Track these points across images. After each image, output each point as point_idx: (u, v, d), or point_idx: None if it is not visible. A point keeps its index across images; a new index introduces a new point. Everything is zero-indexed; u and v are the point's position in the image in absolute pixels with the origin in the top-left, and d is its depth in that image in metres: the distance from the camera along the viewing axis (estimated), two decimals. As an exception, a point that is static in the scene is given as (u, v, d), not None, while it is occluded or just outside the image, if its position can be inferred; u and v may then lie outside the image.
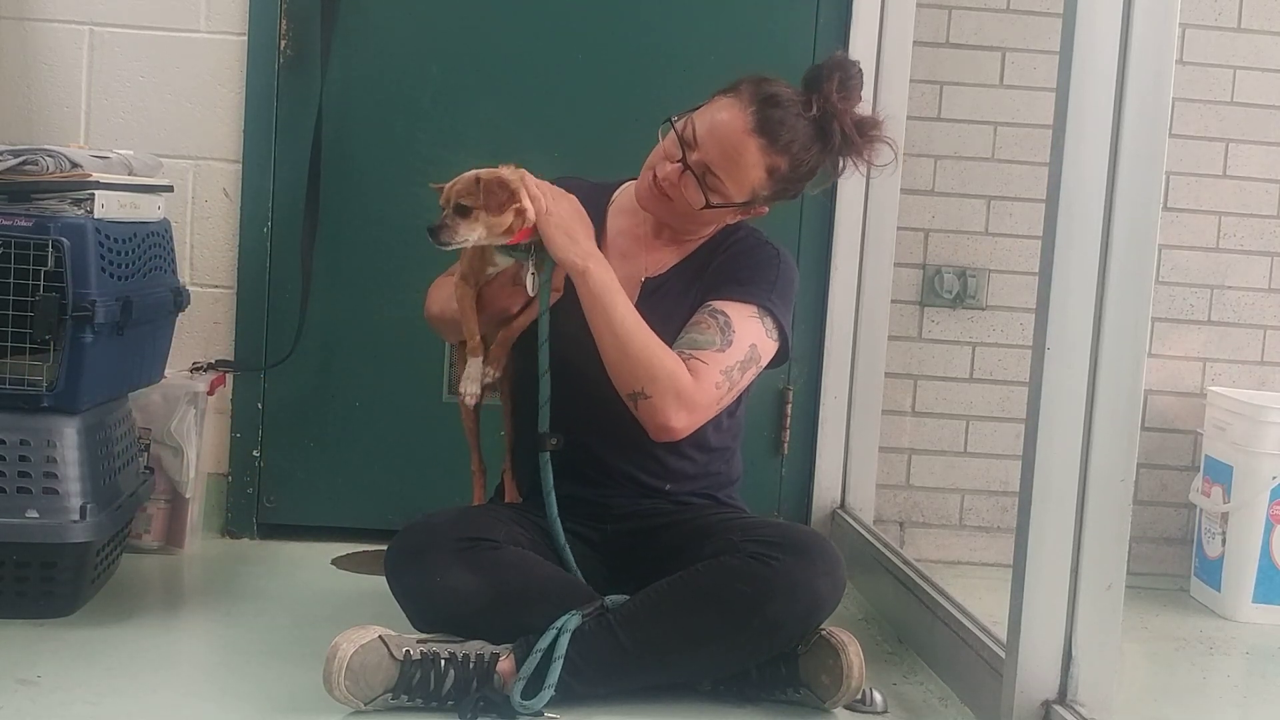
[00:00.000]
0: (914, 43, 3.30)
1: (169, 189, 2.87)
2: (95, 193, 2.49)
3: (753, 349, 2.31)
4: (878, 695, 2.26)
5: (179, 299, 2.87)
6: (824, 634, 2.21)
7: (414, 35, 3.20)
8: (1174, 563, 3.45)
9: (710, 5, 3.24)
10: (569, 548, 2.33)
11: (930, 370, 3.45)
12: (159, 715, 2.09)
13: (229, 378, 3.19)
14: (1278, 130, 3.45)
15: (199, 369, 3.13)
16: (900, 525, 3.47)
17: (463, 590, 2.18)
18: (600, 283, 2.24)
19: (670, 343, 2.28)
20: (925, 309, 3.44)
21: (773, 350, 2.36)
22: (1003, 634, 2.13)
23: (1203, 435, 3.40)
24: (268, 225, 3.17)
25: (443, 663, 2.11)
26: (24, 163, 2.47)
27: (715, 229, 2.43)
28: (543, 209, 2.25)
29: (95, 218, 2.48)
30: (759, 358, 2.33)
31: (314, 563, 3.03)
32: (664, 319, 2.30)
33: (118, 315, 2.49)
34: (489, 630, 2.17)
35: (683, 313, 2.34)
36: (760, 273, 2.37)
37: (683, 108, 2.36)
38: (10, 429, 2.43)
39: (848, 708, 2.24)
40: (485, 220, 2.22)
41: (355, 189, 3.19)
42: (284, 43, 3.15)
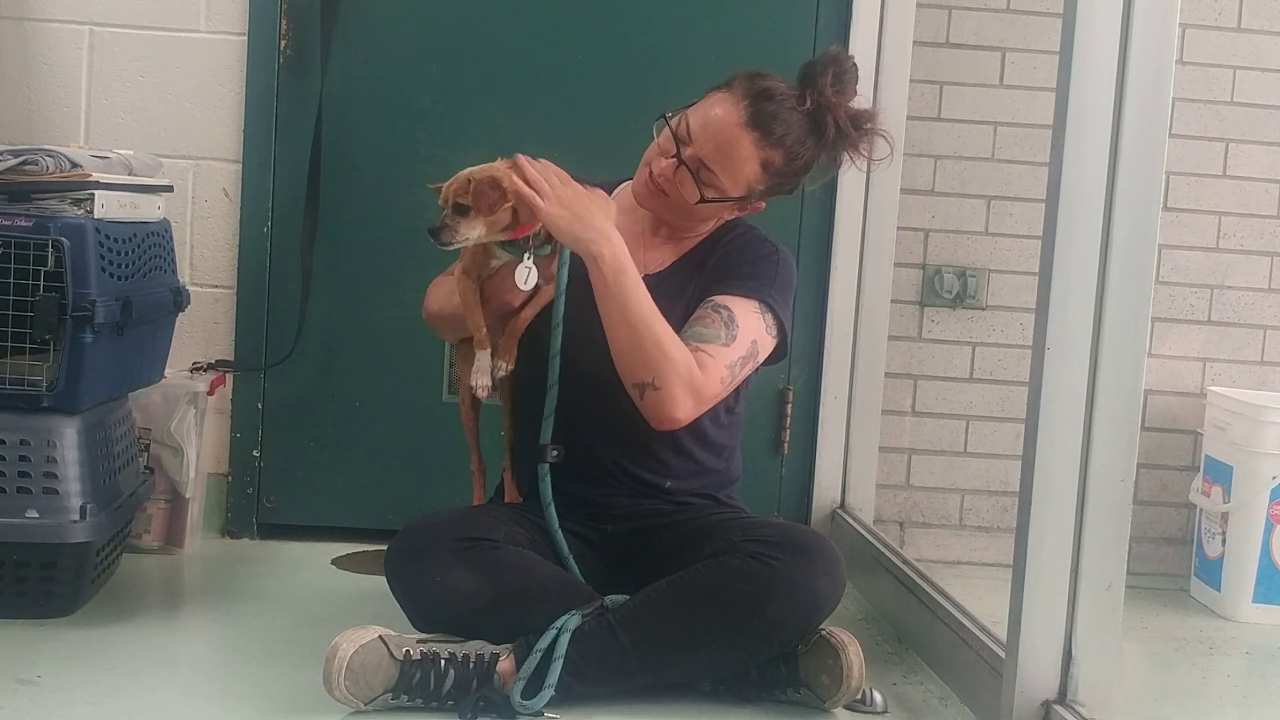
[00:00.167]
0: (914, 43, 3.30)
1: (169, 189, 2.87)
2: (95, 193, 2.49)
3: (753, 344, 2.31)
4: (878, 695, 2.26)
5: (179, 299, 2.87)
6: (824, 634, 2.20)
7: (414, 35, 3.20)
8: (1174, 563, 3.45)
9: (710, 5, 3.24)
10: (568, 547, 2.33)
11: (930, 370, 3.45)
12: (159, 715, 2.09)
13: (229, 378, 3.19)
14: (1278, 130, 3.45)
15: (199, 369, 3.13)
16: (900, 525, 3.47)
17: (463, 590, 2.18)
18: (613, 267, 2.20)
19: None
20: (925, 309, 3.44)
21: (770, 347, 2.37)
22: (1003, 634, 2.13)
23: (1203, 435, 3.39)
24: (268, 225, 3.17)
25: (443, 663, 2.10)
26: (24, 163, 2.47)
27: (713, 225, 2.43)
28: (544, 193, 2.19)
29: (95, 218, 2.48)
30: (757, 354, 2.33)
31: (314, 563, 3.03)
32: (663, 314, 2.29)
33: (118, 315, 2.49)
34: (489, 630, 2.17)
35: (681, 308, 2.34)
36: (760, 268, 2.37)
37: (684, 106, 2.36)
38: (10, 429, 2.43)
39: (848, 708, 2.24)
40: (483, 218, 2.22)
41: (355, 189, 3.19)
42: (284, 43, 3.15)
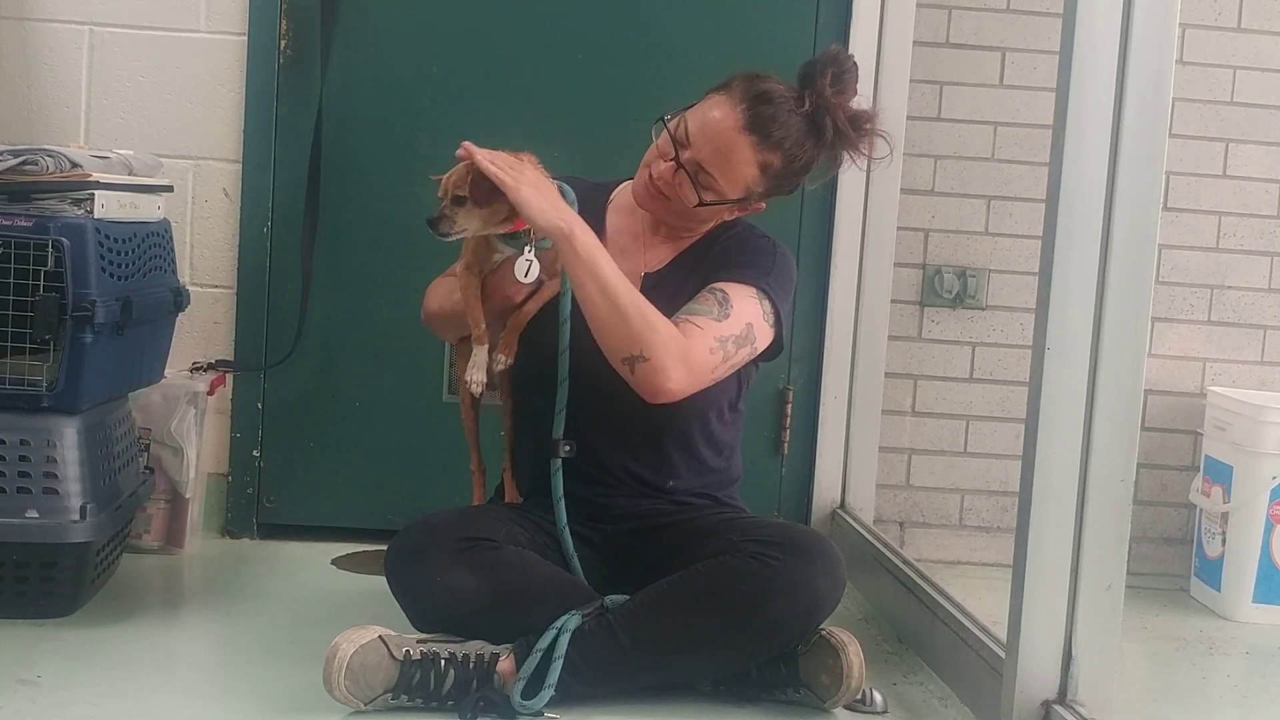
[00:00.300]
0: (914, 43, 3.30)
1: (169, 189, 2.87)
2: (95, 193, 2.49)
3: (749, 328, 2.29)
4: (878, 695, 2.26)
5: (179, 299, 2.87)
6: (824, 634, 2.20)
7: (414, 35, 3.20)
8: (1174, 563, 3.45)
9: (710, 5, 3.24)
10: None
11: (930, 370, 3.45)
12: (159, 715, 2.09)
13: (229, 378, 3.19)
14: (1278, 130, 3.45)
15: (199, 369, 3.13)
16: (900, 525, 3.47)
17: (463, 590, 2.17)
18: (586, 246, 2.18)
19: None
20: (925, 309, 3.44)
21: (769, 336, 2.34)
22: (1003, 634, 2.13)
23: (1203, 435, 3.39)
24: (268, 225, 3.17)
25: (443, 663, 2.10)
26: (24, 163, 2.46)
27: (713, 225, 2.43)
28: (508, 180, 2.16)
29: (95, 218, 2.48)
30: (754, 338, 2.30)
31: (314, 563, 3.03)
32: (663, 310, 2.28)
33: (118, 315, 2.49)
34: (489, 630, 2.17)
35: (680, 304, 2.32)
36: (758, 259, 2.37)
37: (683, 108, 2.36)
38: (10, 429, 2.43)
39: (848, 708, 2.24)
40: (480, 210, 2.21)
41: (355, 189, 3.19)
42: (284, 43, 3.15)
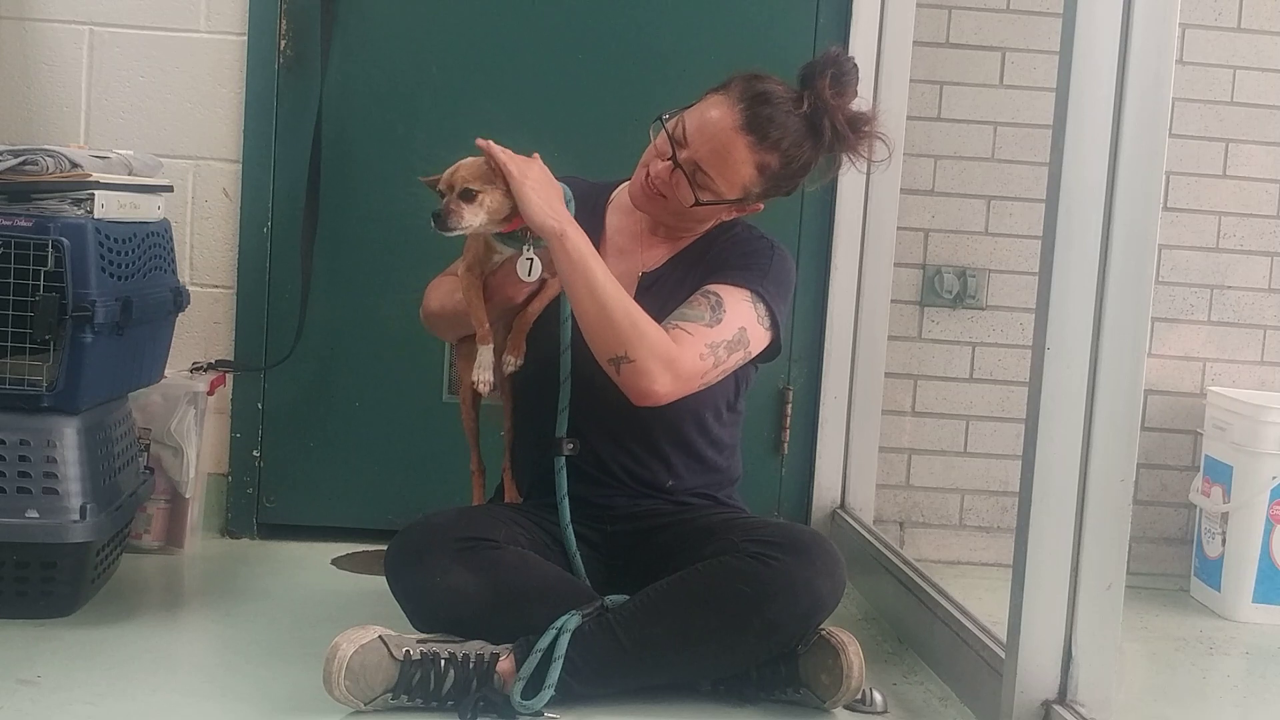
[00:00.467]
0: (914, 43, 3.30)
1: (169, 189, 2.87)
2: (95, 193, 2.49)
3: (742, 331, 2.28)
4: (878, 695, 2.26)
5: (179, 299, 2.87)
6: (824, 634, 2.20)
7: (414, 35, 3.20)
8: (1174, 563, 3.45)
9: (710, 5, 3.24)
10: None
11: (930, 370, 3.45)
12: (159, 715, 2.09)
13: (229, 378, 3.19)
14: (1278, 130, 3.45)
15: (199, 369, 3.13)
16: (900, 525, 3.47)
17: (463, 590, 2.17)
18: (578, 246, 2.19)
19: None
20: (925, 309, 3.44)
21: (765, 339, 2.34)
22: (1003, 634, 2.13)
23: (1203, 435, 3.40)
24: (268, 225, 3.17)
25: (443, 663, 2.10)
26: (24, 163, 2.46)
27: (711, 226, 2.43)
28: (515, 173, 2.18)
29: (95, 218, 2.48)
30: (748, 341, 2.30)
31: (314, 563, 3.03)
32: (660, 310, 2.29)
33: (118, 315, 2.49)
34: (489, 630, 2.17)
35: (679, 302, 2.32)
36: (754, 261, 2.36)
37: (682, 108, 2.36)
38: (10, 429, 2.43)
39: (848, 708, 2.24)
40: (488, 205, 2.21)
41: (355, 189, 3.19)
42: (284, 43, 3.15)
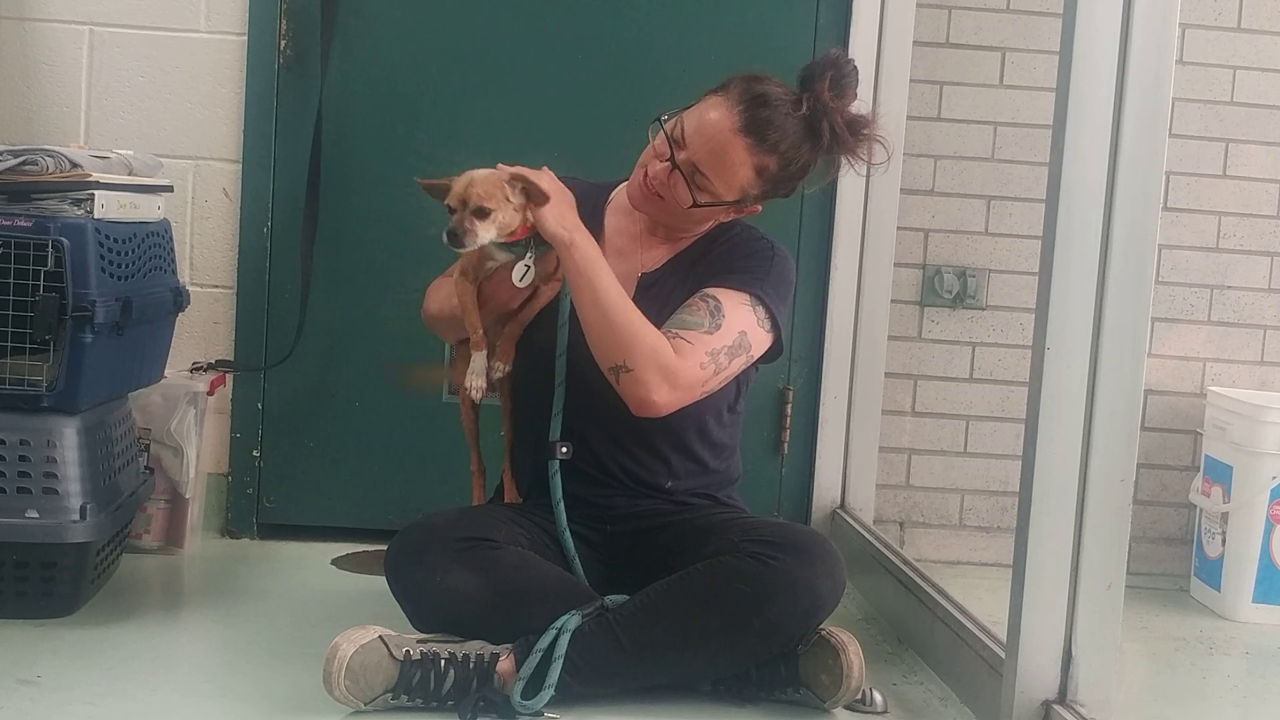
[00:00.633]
0: (914, 43, 3.30)
1: (169, 189, 2.87)
2: (95, 193, 2.49)
3: (742, 336, 2.29)
4: (878, 695, 2.26)
5: (179, 299, 2.87)
6: (824, 634, 2.20)
7: (414, 35, 3.19)
8: (1174, 563, 3.45)
9: (710, 5, 3.24)
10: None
11: (930, 370, 3.45)
12: (159, 715, 2.09)
13: (229, 378, 3.19)
14: (1278, 130, 3.45)
15: (199, 369, 3.13)
16: (900, 525, 3.47)
17: (463, 590, 2.18)
18: (586, 255, 2.22)
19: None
20: (925, 309, 3.44)
21: (766, 342, 2.34)
22: (1003, 634, 2.13)
23: (1203, 435, 3.40)
24: (268, 225, 3.17)
25: (443, 663, 2.10)
26: (24, 163, 2.46)
27: (710, 227, 2.43)
28: (550, 190, 2.22)
29: (95, 218, 2.48)
30: (749, 345, 2.30)
31: (314, 563, 3.03)
32: (659, 311, 2.30)
33: (118, 315, 2.49)
34: (489, 630, 2.17)
35: (677, 304, 2.33)
36: (754, 263, 2.36)
37: (681, 108, 2.36)
38: (10, 429, 2.43)
39: (848, 708, 2.24)
40: (500, 221, 2.22)
41: (355, 189, 3.19)
42: (284, 43, 3.15)
